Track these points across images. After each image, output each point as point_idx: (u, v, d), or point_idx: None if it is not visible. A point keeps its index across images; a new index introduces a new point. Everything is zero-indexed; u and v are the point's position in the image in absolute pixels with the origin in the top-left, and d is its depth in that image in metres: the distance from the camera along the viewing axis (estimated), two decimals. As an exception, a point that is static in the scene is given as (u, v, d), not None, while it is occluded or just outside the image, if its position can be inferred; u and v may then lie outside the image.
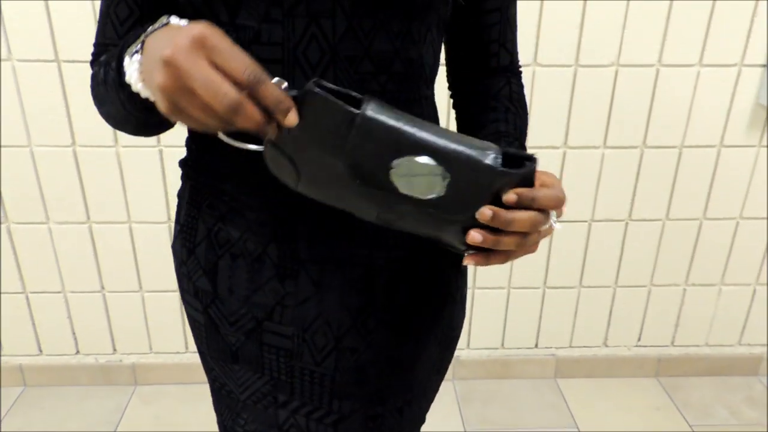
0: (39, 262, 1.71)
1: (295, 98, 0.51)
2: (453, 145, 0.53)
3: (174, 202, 1.65)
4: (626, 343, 1.92)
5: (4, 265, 1.71)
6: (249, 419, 0.78)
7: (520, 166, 0.55)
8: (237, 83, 0.47)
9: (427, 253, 0.72)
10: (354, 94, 0.53)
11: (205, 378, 1.96)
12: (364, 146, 0.52)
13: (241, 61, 0.48)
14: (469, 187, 0.53)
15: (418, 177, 0.53)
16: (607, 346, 1.92)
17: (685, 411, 1.81)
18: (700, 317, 1.89)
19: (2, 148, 1.58)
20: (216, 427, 1.74)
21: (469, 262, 0.58)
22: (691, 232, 1.77)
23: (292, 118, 0.50)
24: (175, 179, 1.63)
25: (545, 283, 1.83)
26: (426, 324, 0.75)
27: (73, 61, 1.51)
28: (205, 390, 1.85)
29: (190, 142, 0.73)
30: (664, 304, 1.87)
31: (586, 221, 1.74)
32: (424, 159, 0.52)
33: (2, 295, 1.74)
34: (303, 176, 0.55)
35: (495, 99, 0.75)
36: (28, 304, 1.76)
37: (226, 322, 0.73)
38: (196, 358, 1.86)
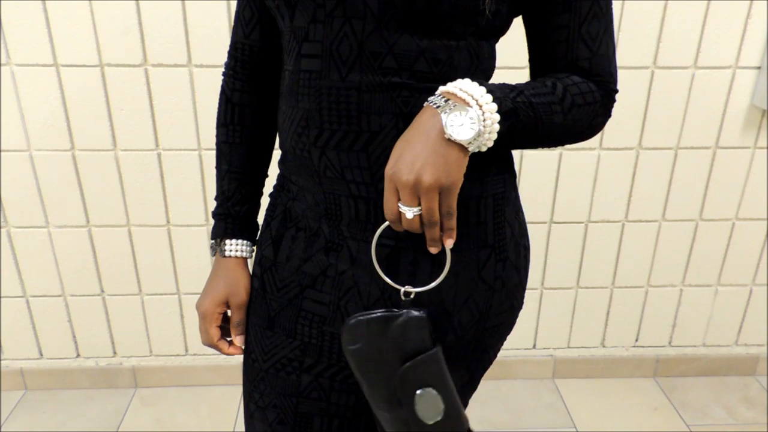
0: (39, 265, 1.72)
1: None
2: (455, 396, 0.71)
3: (172, 205, 1.67)
4: (624, 344, 1.93)
5: (4, 269, 1.71)
6: (265, 392, 0.85)
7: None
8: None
9: (457, 239, 0.74)
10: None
11: (204, 380, 1.97)
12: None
13: (240, 316, 0.87)
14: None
15: (429, 406, 0.71)
16: (604, 346, 1.93)
17: (682, 411, 1.82)
18: (697, 318, 1.90)
19: (2, 153, 1.59)
20: (215, 428, 1.76)
21: None
22: (688, 233, 1.78)
23: (237, 342, 0.89)
24: (172, 182, 1.64)
25: (543, 284, 1.83)
26: (451, 307, 0.76)
27: (71, 66, 1.51)
28: (205, 392, 1.87)
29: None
30: (661, 304, 1.88)
31: (582, 222, 1.75)
32: (438, 398, 0.71)
33: (3, 299, 1.75)
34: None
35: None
36: (29, 308, 1.77)
37: (274, 287, 0.83)
38: (196, 361, 1.87)
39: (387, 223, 0.68)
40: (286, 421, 0.84)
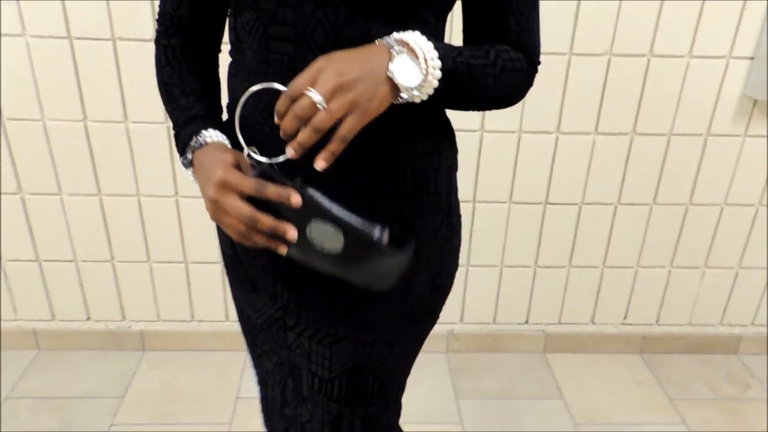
0: (52, 231, 1.78)
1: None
2: (347, 218, 0.70)
3: (180, 177, 1.72)
4: (612, 321, 2.01)
5: (18, 234, 1.78)
6: (264, 341, 0.92)
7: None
8: (251, 195, 0.69)
9: (415, 208, 0.81)
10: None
11: (209, 346, 2.06)
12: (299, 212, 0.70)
13: (250, 184, 0.69)
14: (358, 249, 0.71)
15: (322, 235, 0.71)
16: (594, 323, 2.01)
17: (666, 386, 1.91)
18: (684, 298, 1.97)
19: (17, 122, 1.64)
20: (219, 391, 1.85)
21: None
22: (678, 216, 1.84)
23: (295, 200, 0.69)
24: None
25: (536, 262, 1.90)
26: (414, 266, 0.81)
27: (84, 38, 1.56)
28: (209, 356, 1.95)
29: (227, 111, 0.87)
30: (649, 284, 1.95)
31: (576, 204, 1.81)
32: (324, 224, 0.70)
33: (17, 263, 1.82)
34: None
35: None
36: (41, 272, 1.84)
37: (248, 256, 0.86)
38: (201, 327, 1.95)
39: (250, 92, 0.70)
40: (284, 366, 0.92)
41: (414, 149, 0.79)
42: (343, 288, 0.80)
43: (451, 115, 0.85)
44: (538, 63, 0.83)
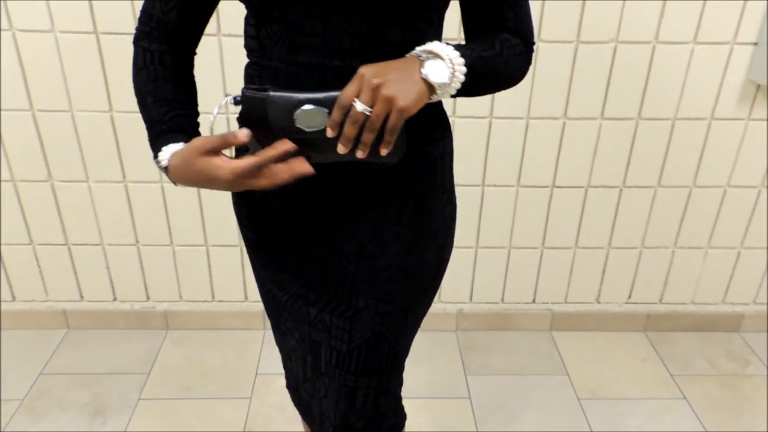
0: (80, 216, 1.87)
1: (237, 101, 0.80)
2: (323, 95, 0.78)
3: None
4: (617, 300, 2.07)
5: (48, 219, 1.87)
6: (288, 317, 1.01)
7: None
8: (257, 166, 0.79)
9: (427, 188, 0.93)
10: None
11: (229, 324, 2.15)
12: (276, 113, 0.79)
13: (252, 164, 0.77)
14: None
15: (308, 118, 0.78)
16: (599, 302, 2.08)
17: (668, 362, 1.98)
18: (687, 277, 2.03)
19: (46, 113, 1.72)
20: (239, 367, 1.95)
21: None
22: (681, 198, 1.89)
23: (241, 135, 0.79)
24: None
25: (543, 243, 1.97)
26: (425, 240, 0.94)
27: (110, 33, 1.63)
28: (229, 335, 2.05)
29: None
30: (653, 264, 2.01)
31: (582, 187, 1.87)
32: (307, 106, 0.78)
33: (47, 247, 1.92)
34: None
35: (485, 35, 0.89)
36: (70, 255, 1.94)
37: (273, 239, 0.95)
38: (221, 307, 2.04)
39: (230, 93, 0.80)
40: (305, 342, 1.00)
41: (423, 139, 0.90)
42: (364, 261, 0.91)
43: (461, 103, 0.94)
44: (533, 44, 0.93)
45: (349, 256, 0.92)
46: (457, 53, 0.79)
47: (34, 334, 2.02)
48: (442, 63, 0.78)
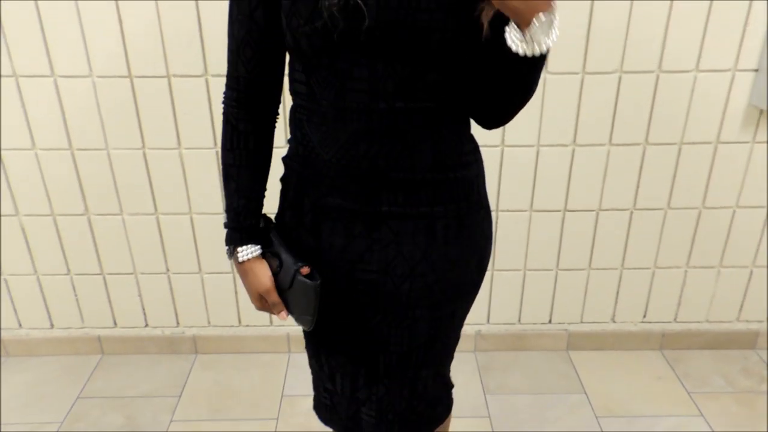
0: (114, 247, 1.97)
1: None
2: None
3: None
4: (632, 319, 2.12)
5: (84, 250, 1.98)
6: (339, 336, 1.11)
7: None
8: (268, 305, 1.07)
9: (467, 207, 1.03)
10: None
11: (255, 348, 2.22)
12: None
13: (271, 297, 1.06)
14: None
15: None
16: (614, 321, 2.12)
17: (684, 380, 2.01)
18: (701, 296, 2.07)
19: (84, 151, 1.84)
20: (266, 389, 2.00)
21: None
22: (691, 219, 1.94)
23: (282, 316, 1.08)
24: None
25: (558, 265, 2.02)
26: (468, 254, 1.05)
27: (142, 77, 1.74)
28: (255, 358, 2.13)
29: (294, 149, 1.04)
30: (667, 284, 2.05)
31: (594, 210, 1.93)
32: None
33: (83, 276, 2.02)
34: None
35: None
36: (105, 284, 2.04)
37: (327, 268, 1.04)
38: (248, 331, 2.12)
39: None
40: (358, 355, 1.10)
41: (461, 163, 1.01)
42: (417, 279, 1.02)
43: (476, 132, 1.03)
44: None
45: (402, 276, 1.02)
46: (556, 36, 0.83)
47: (71, 360, 2.12)
48: (555, 27, 0.81)
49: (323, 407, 1.23)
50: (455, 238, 1.02)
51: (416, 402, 1.15)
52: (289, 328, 2.12)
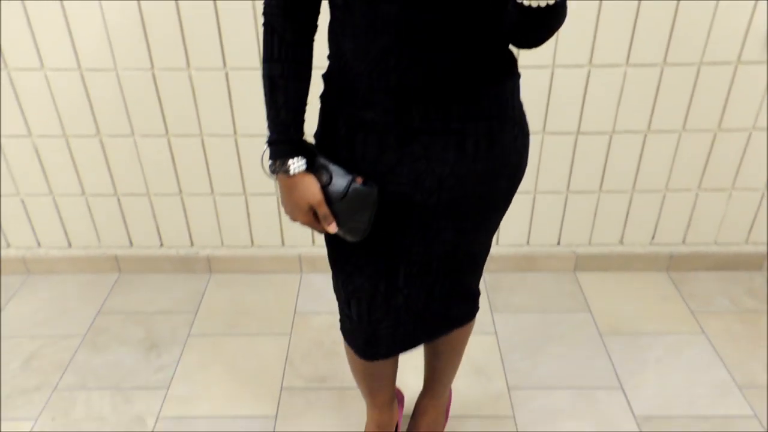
0: (127, 169, 1.99)
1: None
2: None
3: (240, 117, 1.89)
4: (641, 242, 2.13)
5: (98, 172, 1.99)
6: (361, 254, 1.12)
7: None
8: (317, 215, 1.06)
9: (499, 125, 1.03)
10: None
11: (267, 268, 2.27)
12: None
13: (323, 209, 1.04)
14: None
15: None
16: (622, 244, 2.14)
17: (689, 300, 2.05)
18: (710, 219, 2.07)
19: (94, 72, 1.82)
20: (279, 307, 2.06)
21: None
22: (706, 142, 1.92)
23: (333, 228, 1.05)
24: (238, 96, 1.85)
25: (568, 188, 2.02)
26: (498, 169, 1.07)
27: (164, 69, 1.79)
28: (268, 278, 2.18)
29: (334, 66, 1.04)
30: (677, 207, 2.05)
31: (607, 133, 1.91)
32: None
33: (98, 197, 2.05)
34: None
35: None
36: (119, 205, 2.07)
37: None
38: (260, 251, 2.16)
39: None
40: (380, 270, 1.13)
41: (495, 78, 1.00)
42: (444, 193, 1.04)
43: None
44: None
45: (431, 190, 1.04)
46: None
47: (90, 277, 2.19)
48: None
49: (345, 330, 1.27)
50: (486, 154, 1.03)
51: (432, 302, 1.20)
52: (301, 249, 2.16)
